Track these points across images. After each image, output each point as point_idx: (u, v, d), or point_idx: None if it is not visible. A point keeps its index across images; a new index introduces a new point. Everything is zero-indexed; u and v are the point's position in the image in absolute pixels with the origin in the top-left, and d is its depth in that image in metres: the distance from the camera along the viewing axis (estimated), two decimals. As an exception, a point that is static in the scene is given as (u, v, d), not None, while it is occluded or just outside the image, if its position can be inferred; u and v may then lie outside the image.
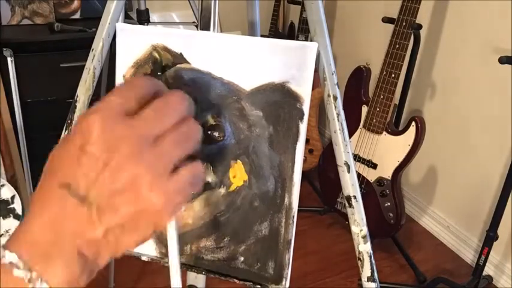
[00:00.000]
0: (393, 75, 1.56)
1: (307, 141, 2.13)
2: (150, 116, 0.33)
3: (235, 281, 0.53)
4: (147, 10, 1.56)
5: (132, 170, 0.31)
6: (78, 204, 0.30)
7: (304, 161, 2.06)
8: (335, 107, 0.56)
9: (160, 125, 0.33)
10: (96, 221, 0.31)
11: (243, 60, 0.47)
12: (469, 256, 1.81)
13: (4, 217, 0.78)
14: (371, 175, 1.69)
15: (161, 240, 0.54)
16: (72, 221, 0.31)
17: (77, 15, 2.05)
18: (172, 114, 0.34)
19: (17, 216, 0.78)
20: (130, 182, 0.31)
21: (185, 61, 0.49)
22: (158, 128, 0.33)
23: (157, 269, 0.49)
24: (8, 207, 0.80)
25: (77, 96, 0.60)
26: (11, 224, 0.77)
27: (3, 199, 0.80)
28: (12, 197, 0.81)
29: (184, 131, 0.34)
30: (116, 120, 0.31)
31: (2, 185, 0.83)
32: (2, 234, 0.74)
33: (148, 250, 0.54)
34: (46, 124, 1.76)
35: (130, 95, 0.33)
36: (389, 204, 1.66)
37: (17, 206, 0.80)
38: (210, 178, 0.50)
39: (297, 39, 1.43)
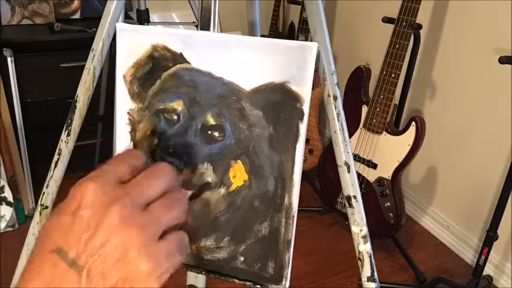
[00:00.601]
0: (393, 75, 1.56)
1: (307, 141, 2.13)
2: (141, 182, 0.34)
3: (235, 281, 0.53)
4: (147, 10, 1.57)
5: (122, 234, 0.31)
6: (68, 269, 0.31)
7: (304, 161, 2.06)
8: (335, 107, 0.56)
9: (151, 191, 0.34)
10: (86, 286, 0.31)
11: (243, 60, 0.47)
12: (469, 256, 1.81)
13: None
14: (371, 175, 1.69)
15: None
16: (64, 285, 0.31)
17: (77, 15, 2.05)
18: (161, 181, 0.35)
19: (9, 204, 0.80)
20: (120, 246, 0.31)
21: (185, 61, 0.49)
22: (147, 194, 0.34)
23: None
24: None
25: (77, 96, 0.60)
26: (5, 210, 0.79)
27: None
28: (2, 187, 0.83)
29: (173, 197, 0.35)
30: (110, 187, 0.33)
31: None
32: None
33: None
34: (46, 124, 1.77)
35: (125, 164, 0.35)
36: (389, 204, 1.66)
37: (8, 194, 0.83)
38: (210, 178, 0.50)
39: (297, 39, 1.43)
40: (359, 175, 1.71)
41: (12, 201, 0.79)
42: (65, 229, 0.32)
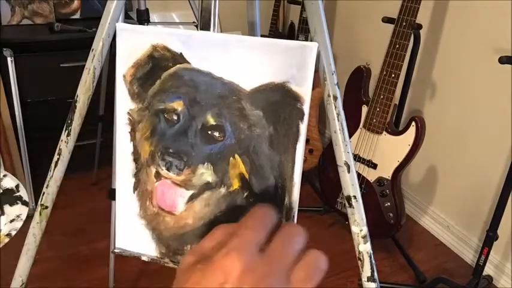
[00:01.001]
0: (393, 75, 1.56)
1: (307, 141, 2.13)
2: (280, 250, 0.34)
3: (236, 281, 0.53)
4: (147, 10, 1.56)
5: None
6: None
7: (304, 161, 2.06)
8: (335, 107, 0.56)
9: (290, 259, 0.34)
10: None
11: (243, 60, 0.47)
12: (469, 256, 1.81)
13: (11, 204, 0.79)
14: (371, 175, 1.69)
15: (161, 241, 0.54)
16: None
17: (77, 15, 2.05)
18: (296, 247, 0.35)
19: (25, 203, 0.80)
20: None
21: (185, 61, 0.49)
22: (288, 263, 0.33)
23: (157, 269, 0.49)
24: (14, 195, 0.82)
25: (77, 96, 0.60)
26: (21, 210, 0.79)
27: (8, 188, 0.81)
28: (17, 186, 0.83)
29: (312, 263, 0.35)
30: (254, 259, 0.32)
31: (5, 175, 0.84)
32: (14, 219, 0.75)
33: (148, 250, 0.54)
34: (46, 124, 1.77)
35: (264, 229, 0.35)
36: (389, 204, 1.66)
37: (23, 193, 0.83)
38: (210, 178, 0.50)
39: (297, 39, 1.43)
40: (359, 175, 1.71)
41: (27, 201, 0.80)
42: None
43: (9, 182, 0.82)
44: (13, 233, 0.70)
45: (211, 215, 0.51)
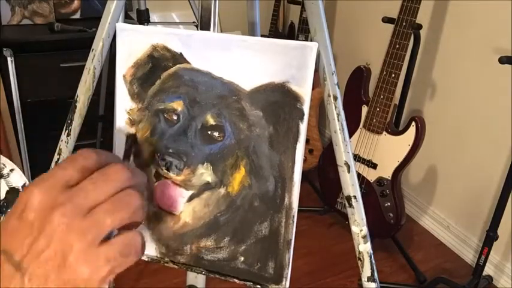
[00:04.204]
0: (393, 75, 1.56)
1: (307, 141, 2.13)
2: (86, 186, 0.34)
3: (235, 281, 0.53)
4: (147, 10, 1.57)
5: (61, 239, 0.32)
6: (14, 272, 0.31)
7: (304, 161, 2.06)
8: (335, 107, 0.56)
9: (95, 196, 0.34)
10: None
11: (243, 60, 0.47)
12: (469, 256, 1.81)
13: None
14: (371, 175, 1.69)
15: (161, 241, 0.54)
16: (8, 287, 0.31)
17: (77, 15, 2.05)
18: (108, 184, 0.35)
19: None
20: (60, 252, 0.32)
21: (185, 61, 0.49)
22: (92, 198, 0.34)
23: (157, 269, 0.49)
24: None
25: (77, 96, 0.60)
26: None
27: (14, 187, 0.75)
28: (24, 186, 0.76)
29: (117, 200, 0.35)
30: (55, 191, 0.33)
31: (12, 170, 0.76)
32: None
33: (148, 250, 0.54)
34: (46, 124, 1.77)
35: (72, 166, 0.35)
36: (389, 204, 1.66)
37: None
38: (210, 178, 0.50)
39: (297, 39, 1.43)
40: (359, 175, 1.71)
41: None
42: (11, 231, 0.33)
43: (16, 178, 0.76)
44: None
45: (211, 215, 0.51)
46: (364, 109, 1.68)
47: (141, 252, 0.36)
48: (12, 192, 0.75)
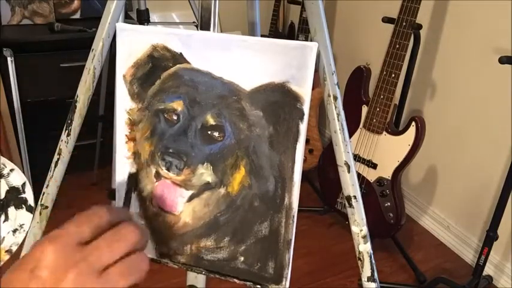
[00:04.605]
0: (393, 75, 1.56)
1: (307, 141, 2.13)
2: (100, 246, 0.35)
3: (235, 281, 0.53)
4: (147, 10, 1.56)
5: None
6: None
7: (304, 161, 2.06)
8: (335, 107, 0.56)
9: (109, 256, 0.35)
10: None
11: (243, 60, 0.47)
12: (469, 256, 1.81)
13: (16, 207, 0.73)
14: (371, 175, 1.69)
15: (161, 241, 0.54)
16: None
17: (77, 15, 2.05)
18: (121, 246, 0.36)
19: (29, 208, 0.72)
20: None
21: (185, 61, 0.49)
22: (107, 258, 0.35)
23: (157, 269, 0.49)
24: (19, 196, 0.74)
25: (77, 96, 0.60)
26: (24, 218, 0.71)
27: (14, 186, 0.75)
28: (23, 185, 0.75)
29: (131, 262, 0.36)
30: (68, 249, 0.34)
31: (12, 170, 0.76)
32: (17, 229, 0.70)
33: (148, 250, 0.54)
34: (46, 124, 1.77)
35: (87, 224, 0.36)
36: (389, 204, 1.66)
37: (29, 195, 0.74)
38: (210, 178, 0.50)
39: (297, 39, 1.42)
40: (359, 175, 1.71)
41: (33, 205, 0.71)
42: (21, 286, 0.32)
43: (16, 178, 0.75)
44: (14, 248, 0.66)
45: (211, 215, 0.51)
46: (364, 109, 1.68)
47: None
48: (12, 192, 0.75)
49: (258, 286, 0.52)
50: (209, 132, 0.49)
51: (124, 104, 0.52)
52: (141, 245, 0.38)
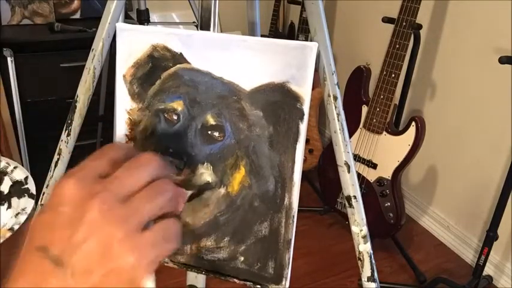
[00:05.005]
0: (393, 75, 1.56)
1: (307, 141, 2.13)
2: (121, 175, 0.34)
3: (235, 281, 0.53)
4: (147, 10, 1.57)
5: (103, 227, 0.31)
6: (54, 267, 0.30)
7: (304, 161, 2.06)
8: (335, 107, 0.56)
9: (131, 183, 0.34)
10: (71, 283, 0.30)
11: (243, 60, 0.47)
12: (469, 256, 1.81)
13: (19, 197, 0.80)
14: (371, 175, 1.69)
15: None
16: (49, 285, 0.30)
17: (77, 15, 2.05)
18: (142, 172, 0.35)
19: (31, 196, 0.80)
20: (102, 242, 0.31)
21: (185, 61, 0.49)
22: (129, 186, 0.34)
23: (157, 269, 0.49)
24: (22, 187, 0.82)
25: (77, 96, 0.60)
26: (26, 202, 0.78)
27: (17, 180, 0.83)
28: (26, 178, 0.83)
29: (155, 187, 0.35)
30: (88, 181, 0.33)
31: (15, 167, 0.85)
32: (19, 213, 0.75)
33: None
34: (46, 124, 1.77)
35: (103, 158, 0.35)
36: (389, 204, 1.66)
37: (31, 186, 0.82)
38: (210, 178, 0.50)
39: (297, 39, 1.43)
40: (359, 175, 1.71)
41: (34, 194, 0.81)
42: (48, 226, 0.32)
43: (20, 173, 0.83)
44: (16, 227, 0.70)
45: (211, 215, 0.51)
46: (364, 109, 1.68)
47: (180, 239, 0.36)
48: (16, 185, 0.82)
49: (258, 286, 0.52)
50: (209, 132, 0.49)
51: (124, 104, 0.52)
52: (162, 173, 0.36)
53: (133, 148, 0.39)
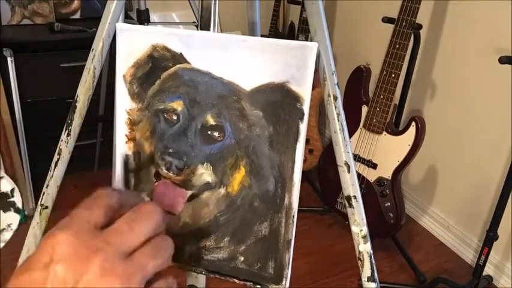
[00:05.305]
0: (393, 75, 1.56)
1: (307, 141, 2.13)
2: (122, 228, 0.31)
3: (235, 281, 0.53)
4: (147, 10, 1.57)
5: (105, 286, 0.28)
6: None
7: (304, 161, 2.06)
8: (335, 107, 0.56)
9: (134, 238, 0.31)
10: None
11: (243, 60, 0.47)
12: (469, 256, 1.81)
13: (5, 210, 0.76)
14: (371, 175, 1.69)
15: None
16: None
17: (77, 15, 2.05)
18: (144, 226, 0.32)
19: (17, 210, 0.76)
20: None
21: (185, 61, 0.49)
22: (131, 241, 0.31)
23: (157, 269, 0.49)
24: (8, 200, 0.78)
25: (77, 96, 0.60)
26: (12, 218, 0.75)
27: (3, 192, 0.79)
28: (12, 190, 0.80)
29: (158, 245, 0.33)
30: (85, 235, 0.30)
31: (1, 177, 0.82)
32: (4, 229, 0.72)
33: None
34: (46, 124, 1.77)
35: (97, 207, 0.32)
36: (389, 204, 1.66)
37: (17, 199, 0.79)
38: (210, 178, 0.50)
39: (297, 39, 1.42)
40: (359, 175, 1.71)
41: (20, 208, 0.76)
42: (37, 287, 0.28)
43: (6, 185, 0.80)
44: (1, 245, 0.68)
45: (211, 215, 0.51)
46: (364, 109, 1.68)
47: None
48: (2, 197, 0.78)
49: (258, 286, 0.52)
50: (209, 132, 0.49)
51: (124, 104, 0.52)
52: (163, 225, 0.34)
53: (126, 192, 0.36)
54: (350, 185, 0.58)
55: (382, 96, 1.59)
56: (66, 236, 0.29)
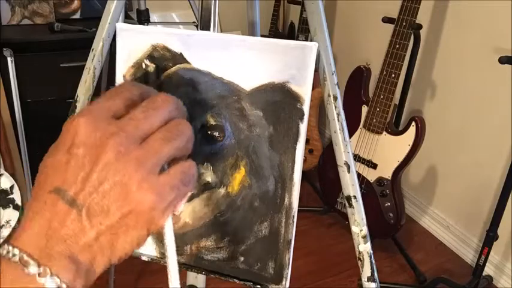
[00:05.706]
0: (393, 75, 1.56)
1: (307, 141, 2.13)
2: (137, 116, 0.33)
3: (235, 281, 0.53)
4: (147, 10, 1.56)
5: (119, 169, 0.30)
6: (68, 209, 0.30)
7: (304, 161, 2.06)
8: (335, 107, 0.56)
9: (148, 124, 0.33)
10: (87, 224, 0.30)
11: (243, 60, 0.47)
12: (469, 256, 1.81)
13: (4, 207, 0.77)
14: (371, 175, 1.69)
15: (161, 240, 0.54)
16: (63, 226, 0.30)
17: (77, 15, 2.05)
18: (159, 113, 0.34)
19: (16, 207, 0.76)
20: (119, 182, 0.30)
21: (185, 61, 0.49)
22: (145, 127, 0.32)
23: (158, 269, 0.49)
24: (8, 197, 0.79)
25: (77, 96, 0.60)
26: (10, 214, 0.75)
27: (3, 189, 0.80)
28: (11, 187, 0.80)
29: (172, 128, 0.34)
30: (103, 121, 0.31)
31: (1, 174, 0.83)
32: (3, 225, 0.73)
33: (148, 250, 0.54)
34: (46, 124, 1.77)
35: (118, 97, 0.34)
36: (389, 204, 1.66)
37: (16, 196, 0.79)
38: (210, 178, 0.50)
39: (297, 39, 1.42)
40: (359, 175, 1.71)
41: (20, 204, 0.77)
42: (61, 168, 0.31)
43: (5, 182, 0.81)
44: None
45: (211, 215, 0.51)
46: (364, 109, 1.68)
47: (196, 182, 0.35)
48: (1, 193, 0.79)
49: (258, 286, 0.52)
50: (209, 132, 0.49)
51: (124, 104, 0.52)
52: (179, 114, 0.35)
53: (149, 88, 0.36)
54: (350, 185, 0.58)
55: (382, 96, 1.59)
56: (86, 121, 0.31)
